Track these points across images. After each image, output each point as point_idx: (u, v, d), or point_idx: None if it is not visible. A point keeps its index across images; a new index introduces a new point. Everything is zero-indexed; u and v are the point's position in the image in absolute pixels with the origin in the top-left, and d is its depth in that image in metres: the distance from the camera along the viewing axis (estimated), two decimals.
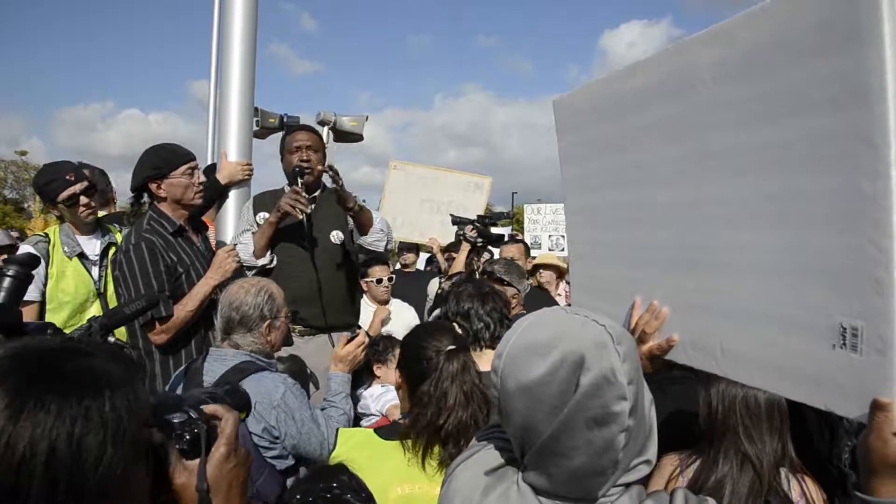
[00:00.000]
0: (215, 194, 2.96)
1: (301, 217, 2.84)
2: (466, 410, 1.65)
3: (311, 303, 3.02)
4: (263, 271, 2.97)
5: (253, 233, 3.00)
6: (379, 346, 2.92)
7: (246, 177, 3.00)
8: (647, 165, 1.34)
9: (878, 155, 0.88)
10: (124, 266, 2.58)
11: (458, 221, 3.97)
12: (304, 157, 3.03)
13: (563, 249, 7.98)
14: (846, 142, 0.92)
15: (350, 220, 3.13)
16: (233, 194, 3.18)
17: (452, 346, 1.72)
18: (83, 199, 2.86)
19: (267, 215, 3.01)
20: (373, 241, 3.16)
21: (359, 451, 1.70)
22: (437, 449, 1.65)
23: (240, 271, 2.84)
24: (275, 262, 3.01)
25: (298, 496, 1.24)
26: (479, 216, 3.82)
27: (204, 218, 3.13)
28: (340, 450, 1.76)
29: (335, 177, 2.88)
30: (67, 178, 2.81)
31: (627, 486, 0.99)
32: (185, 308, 2.61)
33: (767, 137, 1.05)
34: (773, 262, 1.07)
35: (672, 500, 1.00)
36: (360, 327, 3.10)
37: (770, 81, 1.03)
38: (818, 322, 0.99)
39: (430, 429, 1.65)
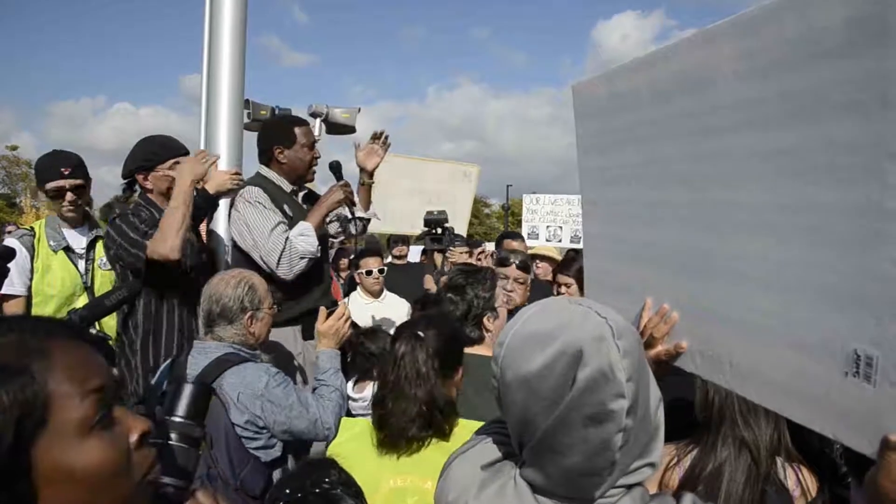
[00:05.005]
0: (205, 205, 2.88)
1: (353, 208, 3.09)
2: (422, 388, 1.62)
3: (328, 294, 3.13)
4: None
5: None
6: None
7: (235, 186, 2.93)
8: (664, 162, 1.28)
9: None
10: (113, 233, 2.54)
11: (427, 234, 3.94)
12: (318, 155, 3.14)
13: (560, 241, 7.98)
14: (869, 153, 0.85)
15: None
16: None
17: (402, 332, 1.72)
18: (69, 196, 2.85)
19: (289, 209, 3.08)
20: (372, 213, 3.43)
21: (355, 441, 1.68)
22: (413, 434, 1.62)
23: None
24: None
25: (288, 491, 1.20)
26: (425, 221, 3.82)
27: None
28: (339, 439, 1.76)
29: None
30: (63, 171, 2.82)
31: (629, 487, 0.95)
32: (172, 212, 2.49)
33: (786, 142, 0.98)
34: (786, 277, 1.00)
35: None
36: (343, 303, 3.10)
37: (791, 81, 0.95)
38: (831, 346, 0.93)
39: (395, 414, 1.62)
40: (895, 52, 0.79)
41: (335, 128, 4.81)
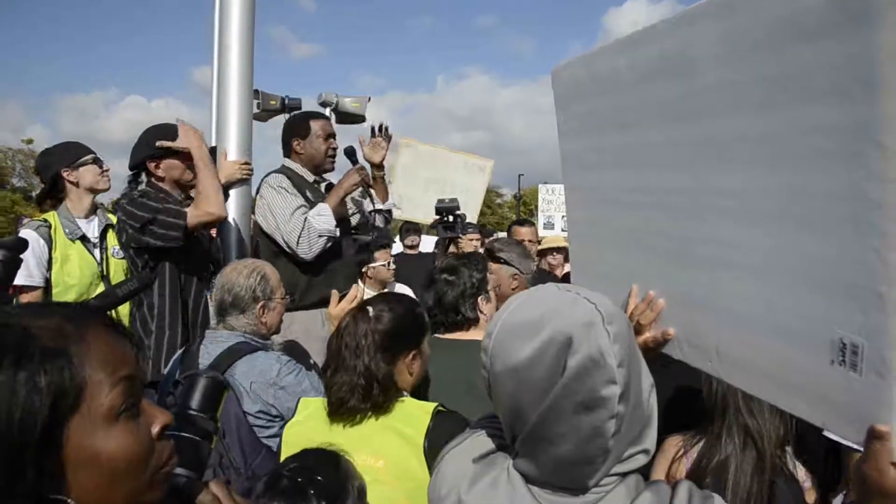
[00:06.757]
0: None
1: (370, 190, 3.27)
2: (360, 360, 1.61)
3: (353, 279, 3.17)
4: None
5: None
6: None
7: (245, 176, 2.97)
8: (646, 147, 1.25)
9: (888, 157, 0.78)
10: (130, 206, 2.57)
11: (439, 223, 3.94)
12: (335, 146, 3.24)
13: None
14: (854, 139, 0.82)
15: None
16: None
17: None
18: (105, 165, 3.00)
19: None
20: (389, 203, 3.56)
21: (309, 421, 1.68)
22: (352, 405, 1.61)
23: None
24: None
25: (268, 475, 1.23)
26: (437, 209, 3.82)
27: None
28: (296, 418, 1.73)
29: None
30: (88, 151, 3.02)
31: (624, 475, 0.94)
32: (207, 175, 2.60)
33: (769, 127, 0.95)
34: (771, 264, 0.99)
35: (674, 495, 0.93)
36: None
37: (773, 64, 0.92)
38: (818, 335, 0.91)
39: (336, 383, 1.62)
40: (879, 32, 0.77)
41: (345, 117, 4.82)
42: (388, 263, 4.51)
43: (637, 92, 1.24)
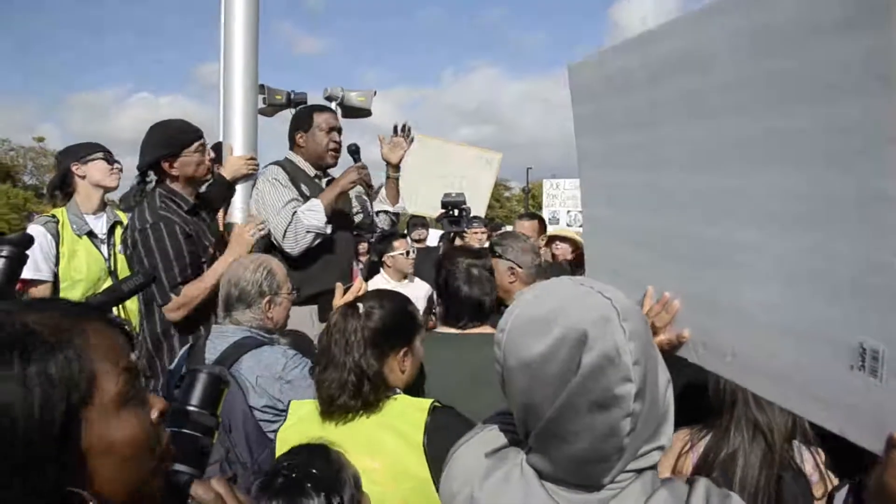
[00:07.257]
0: (224, 191, 2.92)
1: (370, 191, 3.25)
2: (350, 357, 1.59)
3: (347, 276, 3.16)
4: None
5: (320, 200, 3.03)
6: None
7: (250, 171, 2.97)
8: (660, 146, 1.24)
9: None
10: (139, 245, 2.51)
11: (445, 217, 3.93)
12: (338, 140, 3.20)
13: (581, 225, 7.90)
14: (871, 137, 0.80)
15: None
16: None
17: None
18: (117, 165, 3.06)
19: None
20: (399, 206, 3.55)
21: (301, 424, 1.65)
22: (342, 403, 1.59)
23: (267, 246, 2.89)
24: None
25: (263, 476, 1.23)
26: (443, 203, 3.80)
27: None
28: (288, 422, 1.70)
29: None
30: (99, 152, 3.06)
31: (639, 471, 0.93)
32: (202, 284, 2.53)
33: (784, 125, 0.93)
34: (788, 266, 0.97)
35: (692, 493, 0.91)
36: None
37: (789, 60, 0.91)
38: (836, 338, 0.89)
39: (326, 381, 1.60)
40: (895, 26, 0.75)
41: (351, 111, 4.81)
42: (407, 253, 4.49)
43: (652, 90, 1.23)
